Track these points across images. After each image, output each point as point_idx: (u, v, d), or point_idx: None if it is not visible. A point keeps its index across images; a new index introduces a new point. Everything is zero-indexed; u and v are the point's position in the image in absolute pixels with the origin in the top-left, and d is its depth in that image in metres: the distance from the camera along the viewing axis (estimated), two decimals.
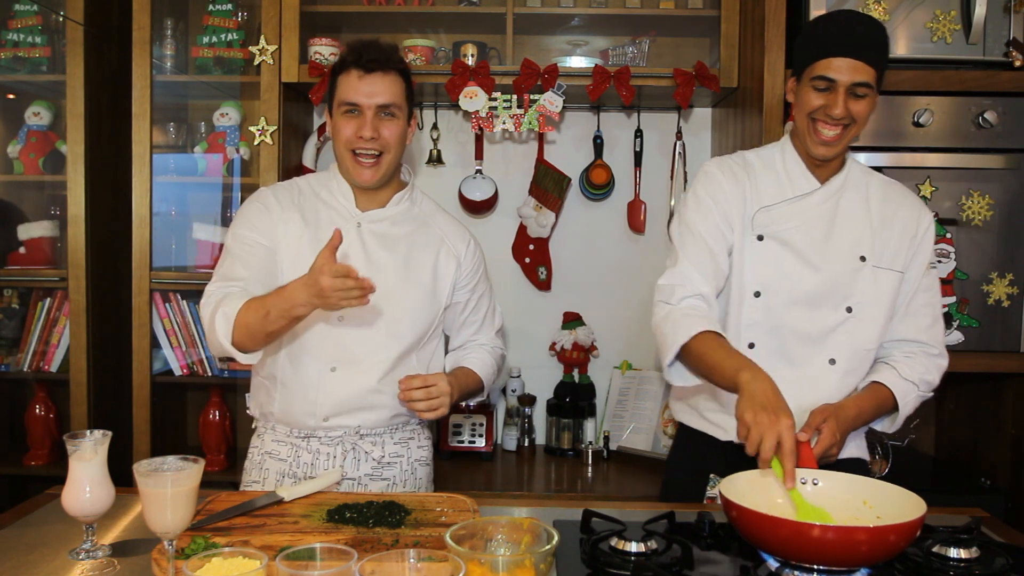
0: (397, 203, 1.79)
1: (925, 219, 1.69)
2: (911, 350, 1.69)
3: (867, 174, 1.73)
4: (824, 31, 1.58)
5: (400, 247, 1.77)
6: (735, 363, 1.46)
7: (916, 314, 1.69)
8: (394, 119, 1.71)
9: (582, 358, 2.81)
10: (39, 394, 2.65)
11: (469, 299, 1.87)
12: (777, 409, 1.34)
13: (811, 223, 1.64)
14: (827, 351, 1.63)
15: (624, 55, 2.66)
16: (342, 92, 1.70)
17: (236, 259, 1.70)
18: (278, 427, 1.77)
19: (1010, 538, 1.41)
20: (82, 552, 1.27)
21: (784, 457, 1.30)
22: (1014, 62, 2.21)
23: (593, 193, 2.82)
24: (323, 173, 1.86)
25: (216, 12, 2.60)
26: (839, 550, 1.12)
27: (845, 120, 1.57)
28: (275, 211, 1.74)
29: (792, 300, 1.63)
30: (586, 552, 1.25)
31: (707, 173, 1.71)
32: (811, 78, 1.58)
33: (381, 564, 1.02)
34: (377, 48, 1.69)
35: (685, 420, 1.80)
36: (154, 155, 2.52)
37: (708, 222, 1.66)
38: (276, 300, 1.54)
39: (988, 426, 2.50)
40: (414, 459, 1.83)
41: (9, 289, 2.66)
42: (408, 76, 1.75)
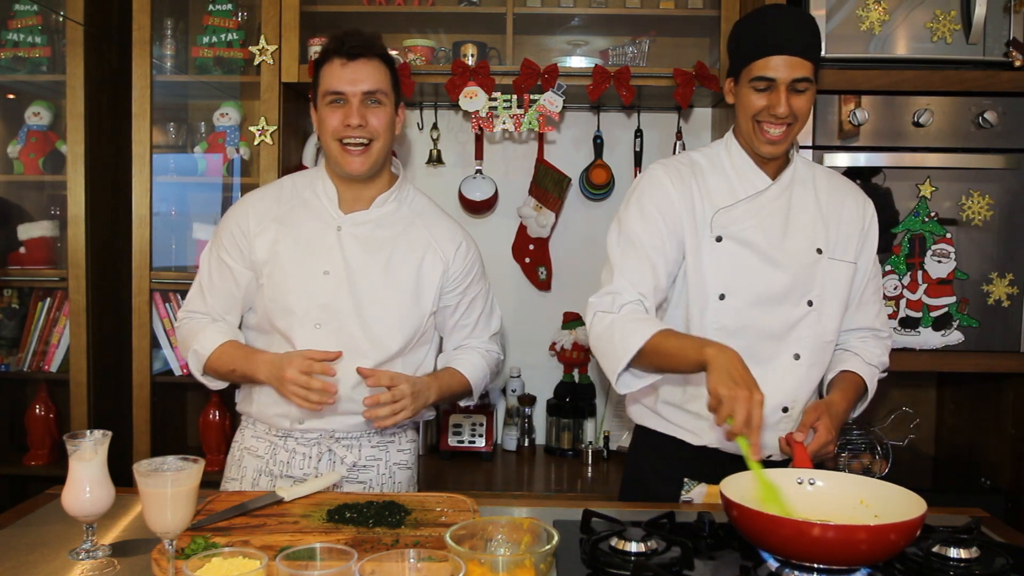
0: (382, 204, 1.75)
1: (870, 209, 1.73)
2: (863, 335, 1.75)
3: (811, 167, 1.73)
4: (758, 30, 1.57)
5: (382, 251, 1.72)
6: (695, 342, 1.45)
7: (868, 303, 1.73)
8: (381, 106, 1.67)
9: (582, 358, 2.81)
10: (39, 394, 2.65)
11: (460, 302, 1.80)
12: (751, 384, 1.34)
13: (768, 220, 1.64)
14: (791, 346, 1.63)
15: (624, 55, 2.66)
16: (326, 82, 1.67)
17: (208, 285, 1.77)
18: (258, 424, 1.78)
19: (1010, 538, 1.41)
20: (82, 552, 1.27)
21: (751, 432, 1.31)
22: (1014, 62, 2.21)
23: (593, 193, 2.82)
24: (311, 171, 1.83)
25: (216, 12, 2.60)
26: (839, 549, 1.12)
27: (789, 119, 1.57)
28: (250, 230, 1.72)
29: (756, 299, 1.62)
30: (586, 552, 1.25)
31: (652, 180, 1.66)
32: (750, 79, 1.57)
33: (381, 564, 1.02)
34: (359, 36, 1.66)
35: (648, 424, 1.75)
36: (154, 155, 2.52)
37: (652, 235, 1.62)
38: (243, 363, 1.67)
39: (988, 426, 2.50)
40: (393, 463, 1.79)
41: (9, 289, 2.66)
42: (392, 64, 1.72)
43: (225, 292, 1.75)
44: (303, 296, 1.68)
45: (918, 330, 2.27)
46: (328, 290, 1.68)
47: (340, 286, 1.68)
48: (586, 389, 2.81)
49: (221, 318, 1.76)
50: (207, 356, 1.69)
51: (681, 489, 1.69)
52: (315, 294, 1.68)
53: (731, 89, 1.65)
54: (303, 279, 1.69)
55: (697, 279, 1.63)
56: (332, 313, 1.68)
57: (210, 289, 1.76)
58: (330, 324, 1.68)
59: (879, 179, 2.26)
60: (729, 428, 1.32)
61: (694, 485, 1.68)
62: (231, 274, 1.74)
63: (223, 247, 1.75)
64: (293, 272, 1.69)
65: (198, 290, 1.78)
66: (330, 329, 1.68)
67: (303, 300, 1.68)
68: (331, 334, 1.67)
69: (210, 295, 1.76)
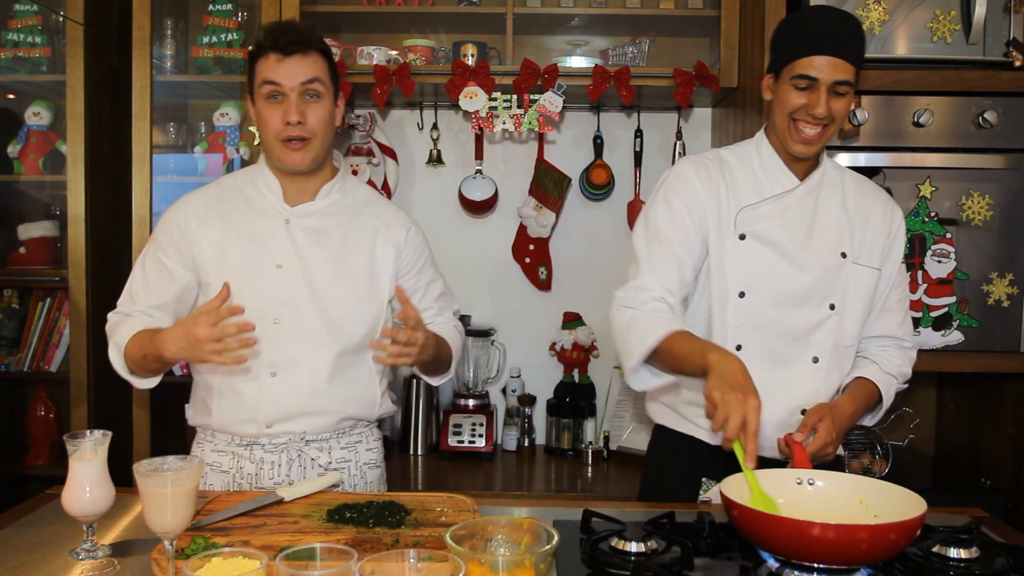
0: (327, 194, 1.73)
1: (898, 217, 1.72)
2: (885, 344, 1.73)
3: (841, 171, 1.73)
4: (804, 29, 1.56)
5: (333, 241, 1.70)
6: (702, 347, 1.46)
7: (891, 311, 1.72)
8: (319, 99, 1.64)
9: (582, 358, 2.81)
10: (39, 394, 2.65)
11: (416, 284, 1.80)
12: (746, 389, 1.34)
13: (793, 220, 1.64)
14: (811, 349, 1.63)
15: (624, 55, 2.66)
16: (261, 76, 1.63)
17: (138, 283, 1.71)
18: (218, 435, 1.71)
19: (1010, 538, 1.41)
20: (82, 552, 1.27)
21: (747, 438, 1.31)
22: (1014, 62, 2.21)
23: (593, 193, 2.82)
24: (249, 168, 1.80)
25: (216, 12, 2.60)
26: (840, 549, 1.12)
27: (826, 120, 1.57)
28: (191, 230, 1.68)
29: (777, 299, 1.62)
30: (586, 552, 1.25)
31: (679, 175, 1.67)
32: (791, 76, 1.56)
33: (381, 564, 1.02)
34: (295, 29, 1.64)
35: (666, 422, 1.76)
36: (154, 155, 2.52)
37: (679, 229, 1.63)
38: (149, 345, 1.58)
39: (988, 426, 2.50)
40: (363, 463, 1.78)
41: (9, 289, 2.66)
42: (330, 55, 1.69)
43: (159, 291, 1.69)
44: (257, 292, 1.63)
45: (918, 330, 2.27)
46: (283, 284, 1.65)
47: (295, 279, 1.66)
48: (586, 389, 2.81)
49: (151, 316, 1.68)
50: (124, 346, 1.62)
51: (699, 488, 1.68)
52: (270, 289, 1.65)
53: (769, 85, 1.64)
54: (255, 274, 1.65)
55: (719, 276, 1.63)
56: (290, 307, 1.65)
57: (143, 289, 1.70)
58: (288, 319, 1.65)
59: (879, 179, 2.26)
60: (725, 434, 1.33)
61: (712, 484, 1.67)
62: (168, 274, 1.68)
63: (160, 247, 1.69)
64: (244, 268, 1.65)
65: (128, 292, 1.72)
66: (288, 325, 1.65)
67: (257, 296, 1.63)
68: (290, 329, 1.65)
69: (140, 294, 1.69)
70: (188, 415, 1.77)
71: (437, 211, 2.87)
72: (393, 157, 2.79)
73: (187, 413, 1.77)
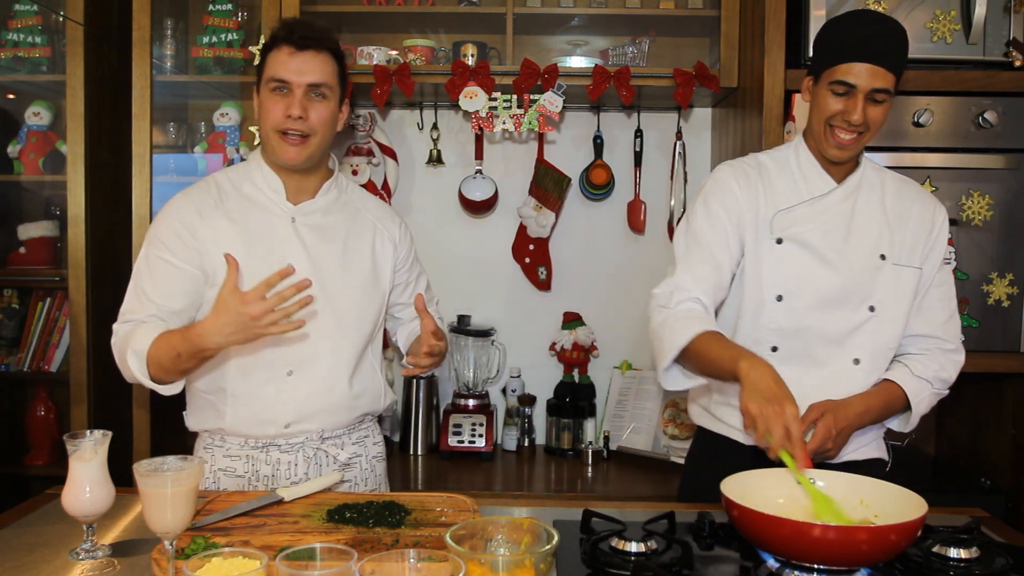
0: (327, 192, 1.73)
1: (940, 214, 1.69)
2: (926, 346, 1.68)
3: (880, 172, 1.72)
4: (847, 34, 1.54)
5: (338, 238, 1.72)
6: (732, 353, 1.45)
7: (931, 309, 1.67)
8: (324, 100, 1.64)
9: (582, 358, 2.81)
10: (39, 394, 2.65)
11: (409, 278, 1.86)
12: (781, 398, 1.34)
13: (830, 223, 1.63)
14: (851, 351, 1.62)
15: (624, 55, 2.66)
16: (272, 68, 1.62)
17: (146, 287, 1.62)
18: (229, 439, 1.68)
19: (1010, 538, 1.41)
20: (82, 552, 1.27)
21: (793, 446, 1.30)
22: (1014, 62, 2.21)
23: (593, 193, 2.82)
24: (242, 165, 1.76)
25: (216, 12, 2.60)
26: (840, 550, 1.12)
27: (861, 128, 1.56)
28: (195, 225, 1.63)
29: (815, 302, 1.61)
30: (586, 552, 1.25)
31: (718, 180, 1.68)
32: (830, 81, 1.55)
33: (381, 564, 1.02)
34: (310, 26, 1.64)
35: (704, 423, 1.77)
36: (154, 155, 2.52)
37: (717, 233, 1.64)
38: (182, 343, 1.50)
39: (988, 426, 2.50)
40: (372, 456, 1.80)
41: (9, 289, 2.66)
42: (341, 58, 1.69)
43: (172, 292, 1.61)
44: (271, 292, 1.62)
45: None
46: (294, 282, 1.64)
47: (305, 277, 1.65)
48: (586, 389, 2.81)
49: (164, 319, 1.60)
50: (146, 353, 1.53)
51: None
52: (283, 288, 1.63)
53: (808, 87, 1.64)
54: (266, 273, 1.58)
55: (754, 280, 1.63)
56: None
57: (153, 291, 1.61)
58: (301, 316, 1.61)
59: None
60: (769, 445, 1.32)
61: None
62: (178, 273, 1.62)
63: (164, 247, 1.63)
64: (254, 266, 1.61)
65: (134, 298, 1.63)
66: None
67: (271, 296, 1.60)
68: (305, 327, 1.62)
69: (150, 298, 1.60)
70: (188, 422, 1.73)
71: (437, 211, 2.87)
72: (393, 157, 2.79)
73: (187, 420, 1.73)
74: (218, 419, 1.67)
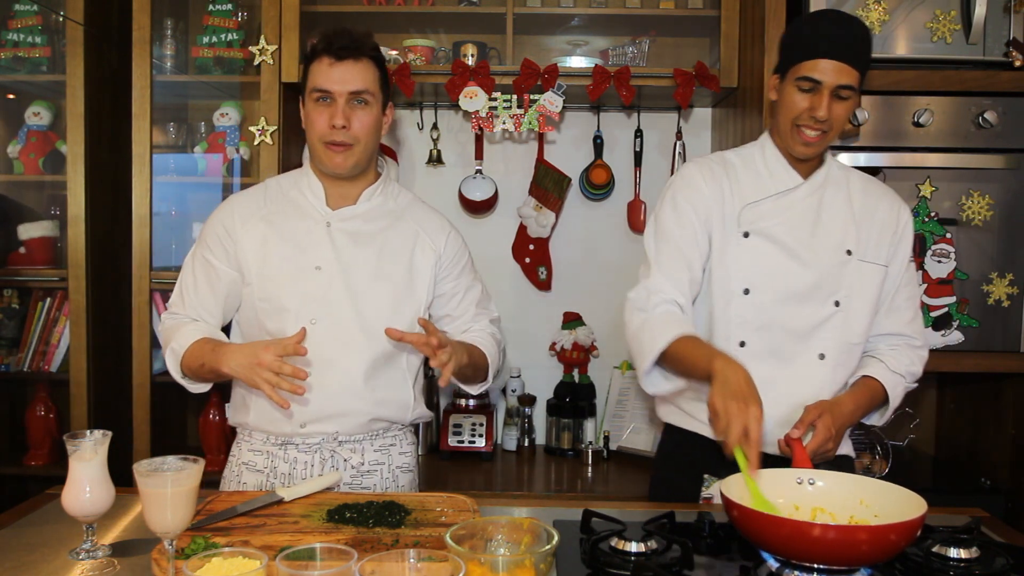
0: (368, 198, 1.75)
1: (904, 214, 1.72)
2: (895, 343, 1.72)
3: (846, 170, 1.74)
4: (812, 32, 1.58)
5: (373, 244, 1.73)
6: (709, 353, 1.48)
7: (900, 308, 1.72)
8: (367, 107, 1.66)
9: (582, 358, 2.81)
10: (39, 394, 2.64)
11: (455, 288, 1.82)
12: (747, 397, 1.35)
13: (797, 218, 1.65)
14: (816, 346, 1.64)
15: (624, 55, 2.66)
16: (313, 80, 1.66)
17: (190, 286, 1.74)
18: (255, 435, 1.73)
19: (1010, 538, 1.41)
20: (82, 552, 1.27)
21: (749, 446, 1.32)
22: (1014, 62, 2.21)
23: (593, 193, 2.82)
24: (296, 171, 1.83)
25: (216, 12, 2.60)
26: (840, 549, 1.12)
27: (826, 125, 1.58)
28: (236, 230, 1.72)
29: (781, 296, 1.63)
30: (586, 552, 1.25)
31: (684, 177, 1.71)
32: (797, 78, 1.58)
33: (381, 564, 1.02)
34: (348, 36, 1.66)
35: (672, 420, 1.78)
36: (154, 155, 2.52)
37: (685, 230, 1.65)
38: (210, 356, 1.61)
39: (988, 426, 2.50)
40: (395, 466, 1.78)
41: (9, 289, 2.66)
42: (382, 63, 1.71)
43: (207, 291, 1.73)
44: (296, 293, 1.67)
45: None
46: (321, 285, 1.68)
47: (333, 281, 1.68)
48: (586, 389, 2.81)
49: (200, 318, 1.73)
50: (182, 353, 1.66)
51: (702, 485, 1.69)
52: (309, 290, 1.67)
53: (775, 86, 1.67)
54: (295, 275, 1.68)
55: (722, 274, 1.65)
56: (327, 308, 1.67)
57: (192, 289, 1.74)
58: (325, 320, 1.67)
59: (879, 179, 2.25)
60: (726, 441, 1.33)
61: (713, 481, 1.67)
62: (215, 273, 1.72)
63: (207, 247, 1.74)
64: (284, 269, 1.69)
65: (178, 292, 1.76)
66: (325, 325, 1.67)
67: (296, 297, 1.67)
68: (327, 330, 1.66)
69: (190, 295, 1.74)
70: (228, 414, 1.80)
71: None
72: (393, 157, 2.79)
73: (227, 412, 1.80)
74: (246, 413, 1.73)
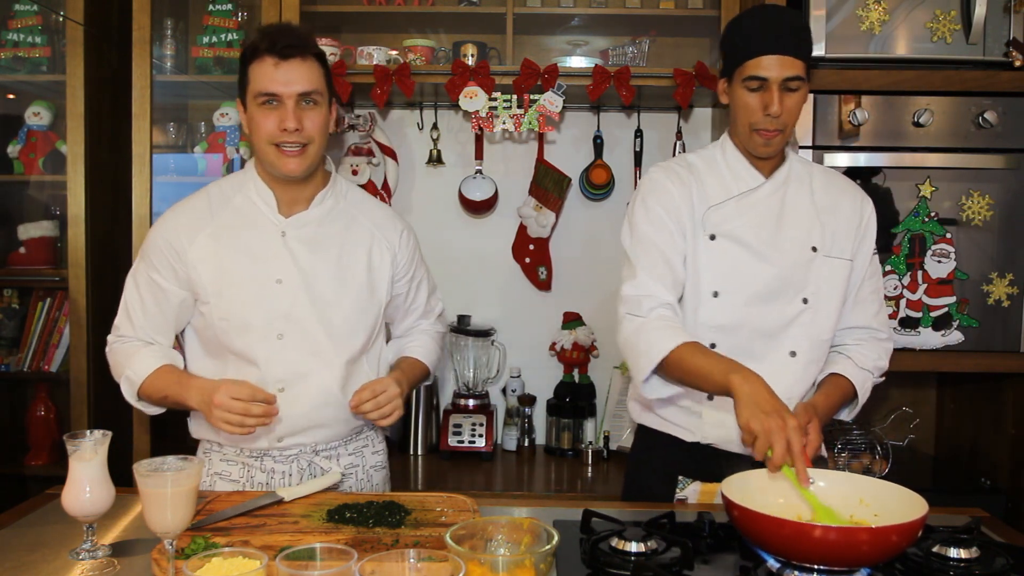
0: (320, 202, 1.69)
1: (868, 207, 1.72)
2: (861, 336, 1.72)
3: (808, 166, 1.74)
4: (749, 30, 1.58)
5: (331, 249, 1.68)
6: (723, 367, 1.44)
7: (865, 301, 1.71)
8: (316, 107, 1.60)
9: (582, 358, 2.81)
10: (39, 394, 2.65)
11: (409, 289, 1.81)
12: (781, 411, 1.33)
13: (760, 218, 1.64)
14: (787, 344, 1.64)
15: (624, 55, 2.66)
16: (258, 82, 1.56)
17: (137, 307, 1.67)
18: (226, 447, 1.69)
19: (1010, 538, 1.41)
20: (82, 552, 1.27)
21: (795, 459, 1.29)
22: (1014, 62, 2.21)
23: (593, 193, 2.82)
24: (235, 175, 1.75)
25: (216, 12, 2.60)
26: (841, 550, 1.12)
27: (781, 124, 1.57)
28: (183, 247, 1.63)
29: (750, 296, 1.63)
30: (586, 552, 1.25)
31: (653, 181, 1.69)
32: (743, 78, 1.58)
33: (381, 564, 1.02)
34: (292, 33, 1.58)
35: (644, 421, 1.77)
36: (154, 155, 2.52)
37: (661, 232, 1.64)
38: (175, 389, 1.59)
39: (988, 426, 2.50)
40: (369, 466, 1.78)
41: (9, 289, 2.66)
42: (325, 61, 1.64)
43: (156, 313, 1.66)
44: (260, 309, 1.61)
45: (918, 330, 2.27)
46: (285, 299, 1.62)
47: (297, 293, 1.63)
48: (586, 389, 2.81)
49: (152, 340, 1.67)
50: (140, 383, 1.62)
51: (676, 487, 1.69)
52: (272, 305, 1.62)
53: (725, 89, 1.66)
54: (257, 291, 1.62)
55: (692, 277, 1.65)
56: (294, 322, 1.63)
57: (139, 311, 1.66)
58: (293, 334, 1.63)
59: (879, 179, 2.26)
60: (770, 459, 1.31)
61: (688, 483, 1.68)
62: (163, 294, 1.65)
63: (152, 267, 1.65)
64: (245, 286, 1.62)
65: (124, 313, 1.68)
66: (293, 339, 1.62)
67: (260, 313, 1.61)
68: (295, 344, 1.63)
69: (138, 317, 1.66)
70: (191, 428, 1.74)
71: (437, 211, 2.87)
72: (393, 157, 2.79)
73: (190, 426, 1.74)
74: (214, 431, 1.66)
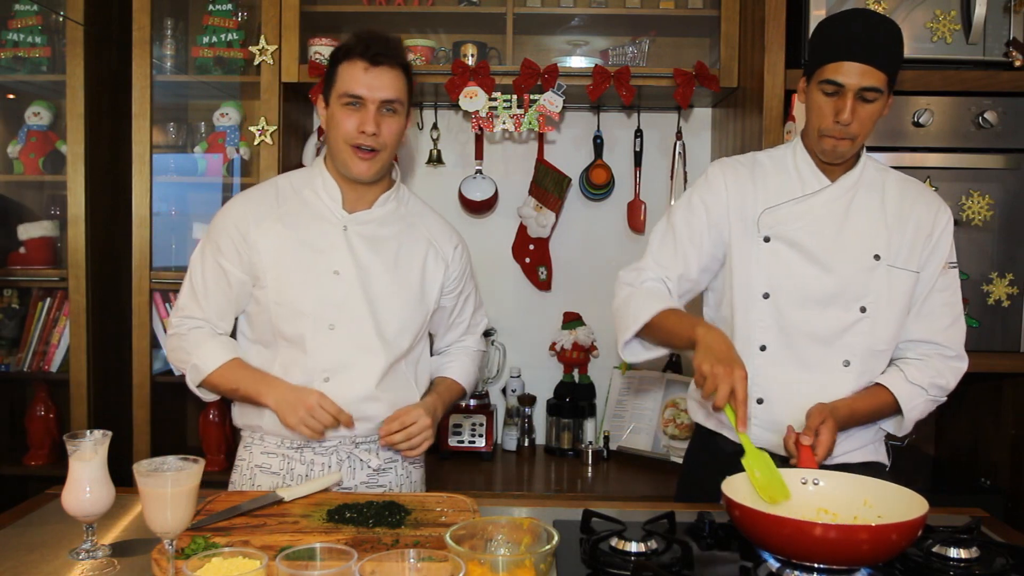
0: (384, 203, 1.74)
1: (943, 218, 1.65)
2: (925, 351, 1.65)
3: (883, 171, 1.69)
4: (836, 33, 1.54)
5: (389, 249, 1.72)
6: (692, 322, 1.51)
7: (932, 314, 1.64)
8: (395, 115, 1.66)
9: (582, 358, 2.81)
10: (39, 394, 2.64)
11: (456, 303, 1.84)
12: (731, 360, 1.40)
13: (820, 222, 1.62)
14: (841, 353, 1.61)
15: (624, 55, 2.66)
16: (345, 83, 1.63)
17: (202, 289, 1.71)
18: (267, 438, 1.72)
19: (1010, 538, 1.41)
20: (82, 552, 1.27)
21: (737, 404, 1.37)
22: (1014, 62, 2.21)
23: (593, 193, 2.82)
24: (306, 170, 1.80)
25: (216, 12, 2.60)
26: (841, 549, 1.12)
27: (851, 132, 1.55)
28: (250, 233, 1.68)
29: (802, 301, 1.61)
30: (586, 552, 1.25)
31: (708, 175, 1.71)
32: (820, 81, 1.55)
33: (381, 564, 1.02)
34: (384, 41, 1.64)
35: (701, 420, 1.78)
36: (154, 155, 2.52)
37: (692, 228, 1.66)
38: (251, 384, 1.65)
39: (988, 426, 2.50)
40: (408, 462, 1.79)
41: (9, 289, 2.66)
42: (410, 72, 1.71)
43: (220, 297, 1.71)
44: (314, 297, 1.66)
45: None
46: (340, 290, 1.67)
47: (352, 286, 1.67)
48: (586, 389, 2.81)
49: (216, 325, 1.72)
50: (208, 372, 1.66)
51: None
52: (327, 294, 1.66)
53: (803, 88, 1.64)
54: (313, 280, 1.67)
55: (743, 277, 1.64)
56: (346, 313, 1.67)
57: (205, 294, 1.71)
58: (344, 325, 1.66)
59: None
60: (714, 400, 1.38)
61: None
62: (227, 279, 1.69)
63: (219, 251, 1.70)
64: (302, 273, 1.67)
65: (191, 294, 1.72)
66: (344, 330, 1.66)
67: (314, 301, 1.65)
68: (345, 335, 1.66)
69: (205, 300, 1.71)
70: (234, 416, 1.79)
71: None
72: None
73: (233, 414, 1.79)
74: (258, 417, 1.70)
